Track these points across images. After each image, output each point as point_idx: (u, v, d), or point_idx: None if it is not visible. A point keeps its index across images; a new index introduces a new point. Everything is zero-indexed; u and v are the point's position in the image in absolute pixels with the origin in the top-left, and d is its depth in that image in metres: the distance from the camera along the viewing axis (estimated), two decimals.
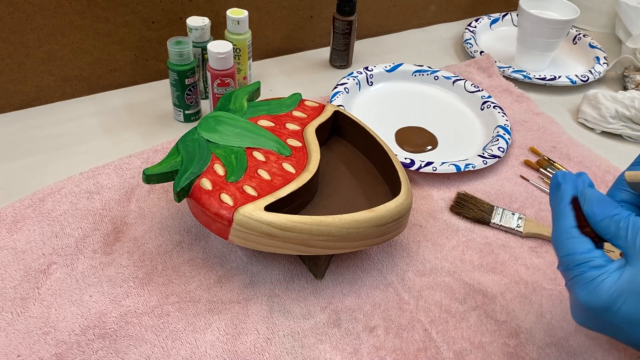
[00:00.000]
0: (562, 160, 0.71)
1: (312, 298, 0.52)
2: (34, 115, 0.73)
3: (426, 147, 0.71)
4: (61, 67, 0.73)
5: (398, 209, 0.50)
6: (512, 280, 0.56)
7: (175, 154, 0.53)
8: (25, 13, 0.68)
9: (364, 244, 0.50)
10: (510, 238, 0.60)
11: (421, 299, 0.53)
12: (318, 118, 0.59)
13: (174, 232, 0.57)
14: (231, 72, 0.68)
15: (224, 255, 0.56)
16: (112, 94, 0.78)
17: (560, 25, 0.83)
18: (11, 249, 0.54)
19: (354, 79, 0.80)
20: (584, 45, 0.96)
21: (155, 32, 0.77)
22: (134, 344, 0.47)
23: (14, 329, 0.48)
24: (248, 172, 0.51)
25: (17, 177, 0.63)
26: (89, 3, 0.71)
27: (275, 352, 0.48)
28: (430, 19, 1.02)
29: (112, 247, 0.55)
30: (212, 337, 0.48)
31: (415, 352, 0.49)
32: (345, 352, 0.48)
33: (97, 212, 0.59)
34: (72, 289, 0.51)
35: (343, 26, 0.82)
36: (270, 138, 0.55)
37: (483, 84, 0.84)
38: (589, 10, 1.03)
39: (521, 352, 0.50)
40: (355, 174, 0.59)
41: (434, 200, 0.64)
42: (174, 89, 0.70)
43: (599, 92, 0.79)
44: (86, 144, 0.69)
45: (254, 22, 0.83)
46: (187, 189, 0.49)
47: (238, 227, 0.47)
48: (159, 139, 0.70)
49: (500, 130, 0.73)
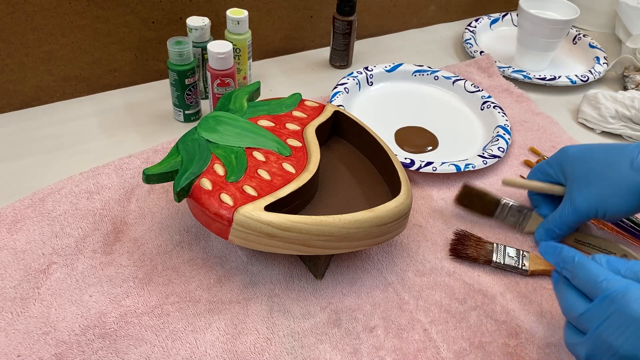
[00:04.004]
0: None
1: (312, 298, 0.52)
2: (34, 115, 0.73)
3: (426, 147, 0.71)
4: (61, 67, 0.73)
5: (398, 209, 0.50)
6: (512, 280, 0.56)
7: (175, 154, 0.53)
8: (25, 13, 0.68)
9: (364, 244, 0.50)
10: (511, 237, 0.60)
11: (421, 299, 0.53)
12: (318, 118, 0.59)
13: (174, 232, 0.57)
14: (231, 72, 0.68)
15: (224, 255, 0.56)
16: (112, 94, 0.78)
17: (560, 25, 0.83)
18: (11, 249, 0.54)
19: (354, 79, 0.80)
20: (584, 45, 0.96)
21: (155, 32, 0.77)
22: (134, 344, 0.47)
23: (14, 329, 0.48)
24: (248, 172, 0.51)
25: (17, 177, 0.63)
26: (89, 3, 0.71)
27: (275, 352, 0.48)
28: (430, 19, 1.02)
29: (112, 247, 0.55)
30: (212, 337, 0.48)
31: (415, 352, 0.49)
32: (345, 352, 0.48)
33: (97, 212, 0.59)
34: (72, 289, 0.51)
35: (343, 26, 0.82)
36: (270, 138, 0.55)
37: (483, 84, 0.84)
38: (589, 10, 1.03)
39: (521, 352, 0.50)
40: (355, 174, 0.59)
41: (434, 200, 0.64)
42: (174, 89, 0.70)
43: (599, 92, 0.79)
44: (86, 144, 0.69)
45: (254, 22, 0.83)
46: (187, 189, 0.49)
47: (238, 227, 0.47)
48: (159, 139, 0.70)
49: (500, 130, 0.73)
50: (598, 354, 0.39)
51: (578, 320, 0.41)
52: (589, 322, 0.39)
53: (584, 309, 0.40)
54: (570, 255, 0.42)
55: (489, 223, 0.62)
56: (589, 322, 0.39)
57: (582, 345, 0.40)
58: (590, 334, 0.39)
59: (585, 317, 0.40)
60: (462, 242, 0.57)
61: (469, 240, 0.57)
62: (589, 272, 0.41)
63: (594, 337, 0.39)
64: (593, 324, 0.39)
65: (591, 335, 0.39)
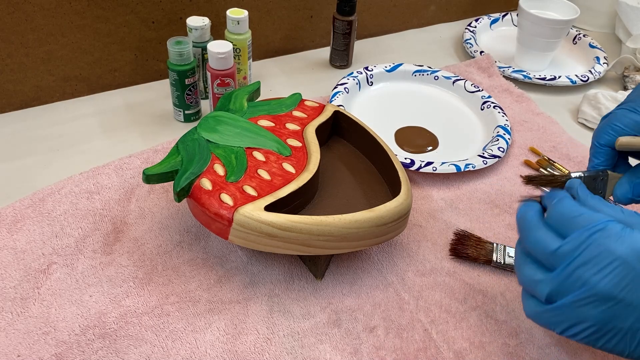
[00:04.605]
0: (562, 160, 0.71)
1: (312, 298, 0.52)
2: (34, 115, 0.73)
3: (426, 147, 0.71)
4: (61, 67, 0.73)
5: (398, 209, 0.50)
6: (512, 280, 0.56)
7: (175, 154, 0.53)
8: (25, 13, 0.68)
9: (364, 244, 0.50)
10: (511, 237, 0.60)
11: (421, 299, 0.53)
12: (318, 118, 0.59)
13: (174, 232, 0.57)
14: (231, 72, 0.68)
15: (224, 255, 0.56)
16: (112, 94, 0.78)
17: (560, 25, 0.83)
18: (11, 249, 0.54)
19: (354, 79, 0.80)
20: (584, 45, 0.96)
21: (155, 32, 0.77)
22: (134, 344, 0.47)
23: (14, 329, 0.48)
24: (248, 172, 0.51)
25: (17, 177, 0.63)
26: (89, 3, 0.71)
27: (275, 352, 0.48)
28: (430, 19, 1.02)
29: (112, 247, 0.55)
30: (212, 337, 0.48)
31: (415, 352, 0.49)
32: (345, 352, 0.48)
33: (97, 212, 0.59)
34: (72, 289, 0.51)
35: (343, 26, 0.82)
36: (270, 138, 0.55)
37: (483, 84, 0.84)
38: (589, 10, 1.03)
39: (521, 352, 0.50)
40: (355, 174, 0.59)
41: (434, 200, 0.64)
42: (174, 89, 0.70)
43: (599, 92, 0.79)
44: (86, 144, 0.69)
45: (254, 22, 0.83)
46: (187, 189, 0.49)
47: (238, 227, 0.47)
48: (159, 139, 0.70)
49: (500, 130, 0.73)
50: (566, 291, 0.37)
51: (550, 256, 0.38)
52: (561, 258, 0.38)
53: (557, 245, 0.38)
54: (557, 192, 0.41)
55: (489, 223, 0.62)
56: (561, 258, 0.38)
57: (547, 282, 0.38)
58: (561, 269, 0.37)
59: (558, 252, 0.38)
60: (462, 242, 0.57)
61: (469, 240, 0.57)
62: (564, 207, 0.39)
63: (565, 273, 0.37)
64: (566, 260, 0.37)
65: (562, 271, 0.37)
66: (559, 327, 0.38)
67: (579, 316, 0.37)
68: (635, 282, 0.35)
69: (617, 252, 0.36)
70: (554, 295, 0.38)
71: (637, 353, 0.37)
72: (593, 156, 0.51)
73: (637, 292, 0.35)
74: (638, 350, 0.37)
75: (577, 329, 0.37)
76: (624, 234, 0.36)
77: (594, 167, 0.51)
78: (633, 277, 0.35)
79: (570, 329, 0.38)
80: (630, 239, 0.36)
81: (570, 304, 0.37)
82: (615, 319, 0.36)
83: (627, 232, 0.36)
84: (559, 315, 0.38)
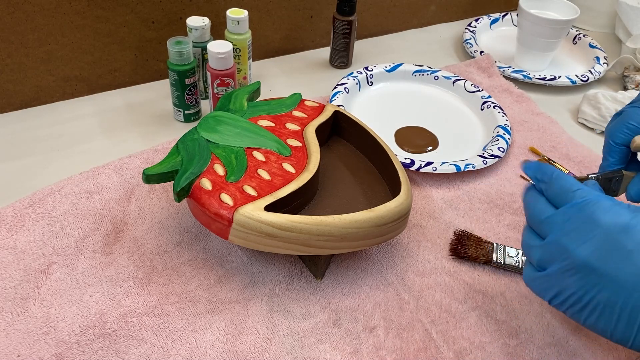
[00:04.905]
0: (562, 160, 0.71)
1: (312, 298, 0.52)
2: (34, 115, 0.73)
3: (426, 147, 0.71)
4: (61, 67, 0.73)
5: (398, 209, 0.50)
6: (512, 280, 0.56)
7: (175, 154, 0.53)
8: (25, 13, 0.68)
9: (364, 244, 0.50)
10: (511, 237, 0.60)
11: (421, 299, 0.53)
12: (318, 118, 0.59)
13: (174, 232, 0.57)
14: (231, 72, 0.68)
15: (224, 255, 0.56)
16: (112, 94, 0.78)
17: (560, 25, 0.83)
18: (11, 249, 0.54)
19: (354, 79, 0.80)
20: (584, 45, 0.96)
21: (155, 32, 0.77)
22: (134, 344, 0.47)
23: (14, 329, 0.48)
24: (248, 172, 0.51)
25: (17, 177, 0.63)
26: (89, 3, 0.71)
27: (275, 352, 0.48)
28: (430, 19, 1.02)
29: (112, 247, 0.55)
30: (212, 337, 0.48)
31: (415, 352, 0.49)
32: (345, 352, 0.48)
33: (97, 212, 0.59)
34: (72, 289, 0.51)
35: (343, 26, 0.82)
36: (270, 138, 0.55)
37: (483, 84, 0.84)
38: (589, 10, 1.03)
39: (521, 352, 0.50)
40: (355, 174, 0.59)
41: (434, 200, 0.64)
42: (174, 89, 0.70)
43: (599, 92, 0.79)
44: (86, 144, 0.69)
45: (254, 22, 0.83)
46: (187, 189, 0.49)
47: (238, 227, 0.47)
48: (159, 139, 0.70)
49: (500, 130, 0.73)
50: (551, 258, 0.38)
51: (541, 224, 0.39)
52: (550, 226, 0.38)
53: (549, 213, 0.39)
54: (550, 169, 0.41)
55: (489, 223, 0.62)
56: (550, 226, 0.38)
57: (538, 248, 0.39)
58: (550, 237, 0.38)
59: (549, 220, 0.38)
60: (462, 242, 0.57)
61: (469, 240, 0.57)
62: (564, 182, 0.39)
63: (552, 241, 0.38)
64: (554, 228, 0.38)
65: (550, 239, 0.38)
66: (547, 295, 0.39)
67: (561, 284, 0.37)
68: (613, 254, 0.35)
69: (601, 222, 0.36)
70: (543, 262, 0.39)
71: (617, 334, 0.36)
72: (608, 154, 0.51)
73: (613, 263, 0.35)
74: (618, 330, 0.36)
75: (560, 297, 0.38)
76: (612, 208, 0.36)
77: (609, 166, 0.51)
78: (610, 248, 0.35)
79: (556, 297, 0.38)
80: (618, 212, 0.36)
81: (556, 271, 0.38)
82: (592, 289, 0.36)
83: (617, 207, 0.36)
84: (546, 282, 0.39)
